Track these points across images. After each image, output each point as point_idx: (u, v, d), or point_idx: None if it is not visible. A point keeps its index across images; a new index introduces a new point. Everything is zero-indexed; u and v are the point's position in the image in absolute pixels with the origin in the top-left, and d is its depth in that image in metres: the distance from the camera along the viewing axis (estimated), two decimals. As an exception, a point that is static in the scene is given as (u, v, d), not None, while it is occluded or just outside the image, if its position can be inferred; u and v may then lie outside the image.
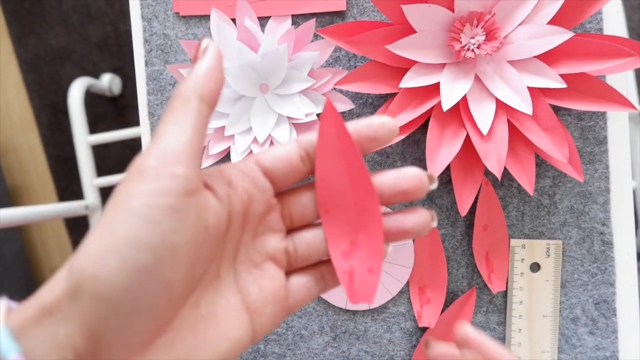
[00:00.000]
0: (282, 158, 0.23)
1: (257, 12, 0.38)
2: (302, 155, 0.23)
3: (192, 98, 0.21)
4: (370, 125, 0.22)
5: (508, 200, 0.38)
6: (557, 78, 0.33)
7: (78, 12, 1.16)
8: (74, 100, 0.96)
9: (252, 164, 0.23)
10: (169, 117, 0.20)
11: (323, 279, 0.24)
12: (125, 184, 0.19)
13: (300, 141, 0.23)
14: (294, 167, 0.23)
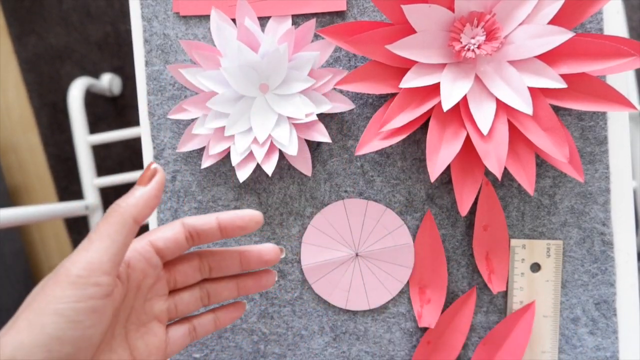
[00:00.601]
0: (172, 240, 0.28)
1: (257, 12, 0.38)
2: (186, 236, 0.29)
3: (128, 219, 0.25)
4: (241, 217, 0.29)
5: (508, 200, 0.38)
6: (557, 78, 0.33)
7: (78, 11, 1.16)
8: (74, 100, 0.96)
9: (147, 245, 0.28)
10: (103, 229, 0.24)
11: (195, 330, 0.31)
12: (52, 287, 0.23)
13: (185, 224, 0.29)
14: (180, 245, 0.29)
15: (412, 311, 0.40)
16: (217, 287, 0.31)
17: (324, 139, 0.37)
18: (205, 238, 0.29)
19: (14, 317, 0.24)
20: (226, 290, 0.31)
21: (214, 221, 0.29)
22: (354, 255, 0.40)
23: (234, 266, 0.31)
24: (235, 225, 0.29)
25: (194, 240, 0.29)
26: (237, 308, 0.33)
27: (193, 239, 0.29)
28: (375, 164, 0.39)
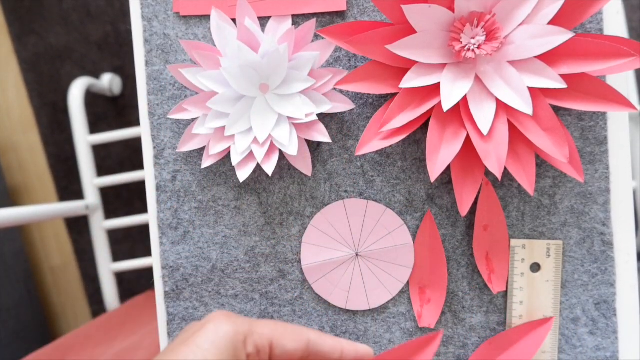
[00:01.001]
0: (288, 355, 0.26)
1: (258, 12, 0.38)
2: (302, 357, 0.26)
3: None
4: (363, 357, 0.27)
5: (508, 201, 0.38)
6: (557, 78, 0.33)
7: (78, 11, 1.16)
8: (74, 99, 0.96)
9: (267, 346, 0.25)
10: None
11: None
12: None
13: (311, 345, 0.26)
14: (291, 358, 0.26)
15: (412, 311, 0.40)
16: None
17: (324, 139, 0.37)
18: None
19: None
20: None
21: (337, 353, 0.27)
22: (354, 255, 0.40)
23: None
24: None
25: (307, 357, 0.26)
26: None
27: (309, 356, 0.26)
28: (376, 164, 0.39)
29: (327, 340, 0.27)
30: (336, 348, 0.27)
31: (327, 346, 0.26)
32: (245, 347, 0.24)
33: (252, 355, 0.24)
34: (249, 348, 0.24)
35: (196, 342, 0.23)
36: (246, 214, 0.40)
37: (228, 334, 0.24)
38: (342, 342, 0.27)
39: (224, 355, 0.23)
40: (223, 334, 0.23)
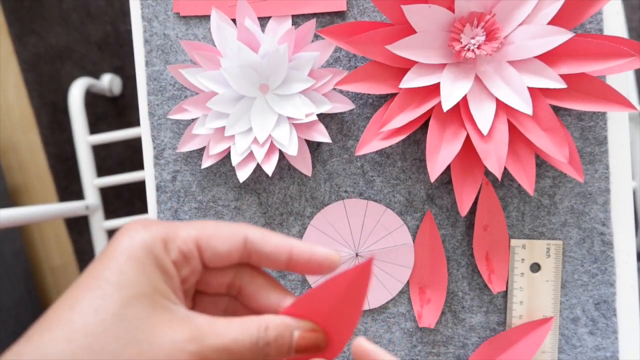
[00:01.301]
0: (225, 256, 0.22)
1: (258, 12, 0.38)
2: (242, 255, 0.22)
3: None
4: (319, 260, 0.23)
5: (508, 201, 0.39)
6: (557, 78, 0.33)
7: (78, 11, 1.16)
8: (74, 100, 0.96)
9: (193, 249, 0.22)
10: None
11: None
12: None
13: (249, 243, 0.22)
14: (230, 263, 0.23)
15: (412, 311, 0.40)
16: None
17: (324, 139, 0.37)
18: (265, 264, 0.23)
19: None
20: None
21: (284, 254, 0.23)
22: (354, 255, 0.40)
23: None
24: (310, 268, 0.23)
25: (248, 258, 0.23)
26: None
27: (249, 258, 0.23)
28: (375, 164, 0.39)
29: (271, 239, 0.22)
30: (282, 248, 0.22)
31: (271, 246, 0.22)
32: (168, 254, 0.21)
33: (179, 262, 0.21)
34: (173, 254, 0.21)
35: (109, 262, 0.20)
36: (246, 214, 0.40)
37: (144, 243, 0.20)
38: (292, 242, 0.22)
39: (143, 269, 0.20)
40: (138, 245, 0.20)
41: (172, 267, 0.21)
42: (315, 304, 0.23)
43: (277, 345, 0.21)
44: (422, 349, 0.40)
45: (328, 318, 0.22)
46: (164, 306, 0.20)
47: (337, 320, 0.22)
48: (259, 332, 0.21)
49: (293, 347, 0.22)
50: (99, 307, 0.19)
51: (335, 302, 0.22)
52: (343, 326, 0.22)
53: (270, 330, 0.21)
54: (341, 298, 0.22)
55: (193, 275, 0.22)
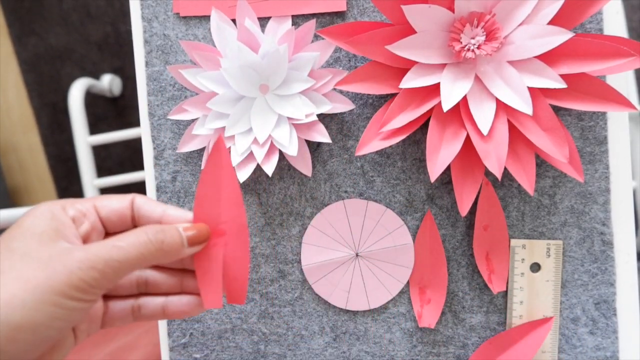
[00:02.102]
0: (117, 212, 0.27)
1: (258, 12, 0.38)
2: (132, 216, 0.28)
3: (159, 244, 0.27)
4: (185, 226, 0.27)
5: (508, 201, 0.39)
6: (557, 78, 0.33)
7: (78, 11, 1.16)
8: (74, 100, 0.96)
9: (91, 209, 0.27)
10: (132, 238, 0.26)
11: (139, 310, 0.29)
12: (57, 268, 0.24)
13: (135, 204, 0.28)
14: (125, 222, 0.28)
15: (412, 311, 0.40)
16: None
17: (324, 139, 0.37)
18: (146, 222, 0.28)
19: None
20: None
21: (158, 212, 0.28)
22: (354, 256, 0.40)
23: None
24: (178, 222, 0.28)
25: (135, 221, 0.28)
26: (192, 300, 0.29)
27: (135, 221, 0.28)
28: (375, 164, 0.39)
29: (150, 201, 0.28)
30: (156, 207, 0.28)
31: (149, 204, 0.28)
32: (66, 212, 0.26)
33: (76, 217, 0.26)
34: (70, 212, 0.26)
35: (18, 222, 0.25)
36: (246, 214, 0.40)
37: (44, 206, 0.25)
38: (166, 205, 0.28)
39: (42, 223, 0.24)
40: (39, 209, 0.25)
41: (69, 220, 0.25)
42: (205, 211, 0.28)
43: (168, 236, 0.26)
44: (423, 349, 0.40)
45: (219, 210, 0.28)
46: (63, 240, 0.24)
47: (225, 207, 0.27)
48: (147, 228, 0.26)
49: (183, 237, 0.26)
50: (9, 247, 0.24)
51: (215, 194, 0.27)
52: (231, 208, 0.27)
53: (159, 226, 0.26)
54: (217, 187, 0.27)
55: (95, 232, 0.27)
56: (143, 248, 0.25)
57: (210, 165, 0.28)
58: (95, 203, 0.27)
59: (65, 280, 0.23)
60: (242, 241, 0.28)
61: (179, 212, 0.28)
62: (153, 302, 0.29)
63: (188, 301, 0.29)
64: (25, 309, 0.22)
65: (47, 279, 0.22)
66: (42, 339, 0.23)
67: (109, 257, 0.24)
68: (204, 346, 0.41)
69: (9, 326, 0.22)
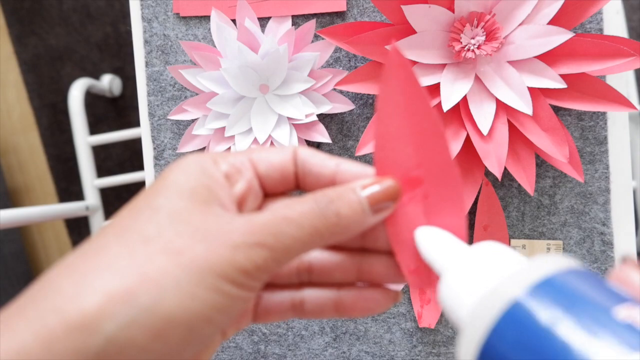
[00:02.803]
0: (278, 168, 0.21)
1: (258, 12, 0.38)
2: (296, 172, 0.21)
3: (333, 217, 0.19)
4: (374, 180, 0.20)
5: (508, 201, 0.38)
6: (557, 78, 0.33)
7: (78, 12, 1.16)
8: (74, 100, 0.96)
9: (247, 162, 0.21)
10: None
11: (302, 305, 0.22)
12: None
13: (298, 155, 0.21)
14: (286, 179, 0.21)
15: (412, 311, 0.40)
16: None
17: (324, 139, 0.37)
18: (311, 182, 0.21)
19: None
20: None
21: (332, 164, 0.21)
22: (354, 256, 0.40)
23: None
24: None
25: (304, 181, 0.22)
26: (377, 294, 0.21)
27: (304, 180, 0.21)
28: (376, 164, 0.39)
29: (317, 153, 0.21)
30: (329, 160, 0.21)
31: (316, 158, 0.21)
32: (218, 167, 0.20)
33: (230, 173, 0.20)
34: (223, 167, 0.20)
35: (163, 176, 0.19)
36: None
37: (191, 158, 0.20)
38: (339, 158, 0.21)
39: (192, 178, 0.19)
40: (185, 161, 0.20)
41: (222, 178, 0.20)
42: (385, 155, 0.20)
43: (345, 204, 0.19)
44: (423, 349, 0.40)
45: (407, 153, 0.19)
46: (217, 204, 0.19)
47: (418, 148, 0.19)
48: (317, 196, 0.19)
49: (363, 202, 0.19)
50: (153, 204, 0.18)
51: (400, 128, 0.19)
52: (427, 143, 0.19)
53: (329, 191, 0.19)
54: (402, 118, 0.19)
55: (251, 193, 0.21)
56: (317, 221, 0.19)
57: (388, 88, 0.20)
58: (251, 156, 0.21)
59: (228, 259, 0.17)
60: (451, 188, 0.19)
61: (358, 167, 0.21)
62: (322, 296, 0.22)
63: (372, 294, 0.21)
64: (180, 293, 0.16)
65: (207, 254, 0.17)
66: (198, 337, 0.17)
67: (278, 230, 0.18)
68: (204, 346, 0.41)
69: (158, 316, 0.16)
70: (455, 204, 0.19)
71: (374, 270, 0.21)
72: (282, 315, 0.22)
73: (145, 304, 0.16)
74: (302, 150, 0.21)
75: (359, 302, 0.21)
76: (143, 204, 0.18)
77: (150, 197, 0.18)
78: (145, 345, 0.16)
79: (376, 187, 0.19)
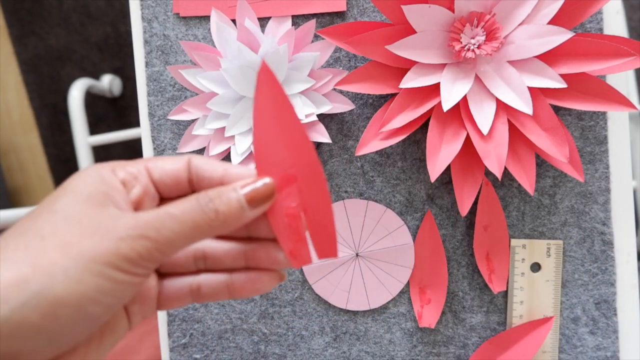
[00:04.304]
0: (171, 174, 0.24)
1: (258, 12, 0.38)
2: (189, 178, 0.24)
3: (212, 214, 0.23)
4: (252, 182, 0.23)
5: (508, 200, 0.38)
6: (557, 78, 0.33)
7: (78, 12, 1.16)
8: (74, 101, 0.96)
9: (143, 170, 0.23)
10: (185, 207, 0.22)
11: (199, 289, 0.25)
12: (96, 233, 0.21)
13: (192, 164, 0.24)
14: (180, 185, 0.24)
15: (412, 311, 0.40)
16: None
17: (324, 139, 0.37)
18: (204, 186, 0.24)
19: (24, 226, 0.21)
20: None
21: (219, 171, 0.24)
22: (354, 256, 0.40)
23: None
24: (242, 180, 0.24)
25: (197, 186, 0.24)
26: (263, 276, 0.25)
27: (197, 185, 0.24)
28: (375, 164, 0.39)
29: (210, 161, 0.24)
30: (217, 167, 0.24)
31: (207, 165, 0.24)
32: (116, 174, 0.22)
33: (127, 180, 0.23)
34: (120, 174, 0.23)
35: (64, 185, 0.22)
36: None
37: (92, 169, 0.22)
38: (227, 164, 0.24)
39: (89, 185, 0.21)
40: (86, 171, 0.22)
41: (119, 184, 0.22)
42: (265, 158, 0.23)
43: (223, 202, 0.22)
44: (423, 349, 0.40)
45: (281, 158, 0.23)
46: (112, 205, 0.21)
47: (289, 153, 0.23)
48: (199, 196, 0.22)
49: (241, 200, 0.22)
50: (51, 209, 0.21)
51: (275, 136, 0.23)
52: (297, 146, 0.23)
53: (211, 191, 0.22)
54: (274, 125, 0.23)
55: (147, 197, 0.23)
56: (198, 217, 0.21)
57: (260, 100, 0.23)
58: (147, 165, 0.24)
59: (113, 249, 0.20)
60: (318, 182, 0.23)
61: (242, 170, 0.24)
62: (215, 280, 0.25)
63: (258, 277, 0.25)
64: (67, 279, 0.19)
65: (93, 246, 0.20)
66: (88, 316, 0.20)
67: (161, 225, 0.21)
68: (204, 346, 0.41)
69: (47, 299, 0.19)
70: (322, 195, 0.23)
71: (258, 256, 0.25)
72: (182, 301, 0.25)
73: (36, 289, 0.19)
74: (196, 158, 0.24)
75: (247, 284, 0.25)
76: (42, 209, 0.21)
77: (50, 203, 0.21)
78: (39, 324, 0.19)
79: (253, 185, 0.23)
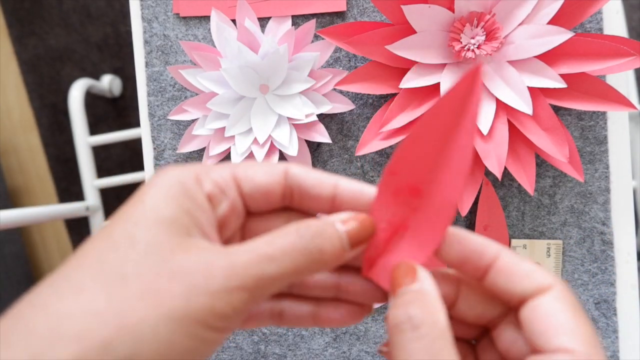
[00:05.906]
0: (263, 190, 0.20)
1: (258, 12, 0.38)
2: (284, 193, 0.20)
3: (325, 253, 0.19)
4: (368, 197, 0.20)
5: (508, 200, 0.39)
6: (557, 78, 0.33)
7: (78, 12, 1.16)
8: (74, 101, 0.96)
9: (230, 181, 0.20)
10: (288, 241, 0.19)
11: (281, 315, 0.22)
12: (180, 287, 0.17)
13: (290, 176, 0.20)
14: (270, 201, 0.20)
15: (412, 311, 0.40)
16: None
17: (324, 139, 0.37)
18: (307, 203, 0.20)
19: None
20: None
21: (328, 187, 0.20)
22: (354, 256, 0.40)
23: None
24: (356, 205, 0.20)
25: (291, 199, 0.20)
26: (355, 311, 0.22)
27: (292, 199, 0.20)
28: (376, 164, 0.39)
29: (313, 172, 0.20)
30: (325, 180, 0.20)
31: (313, 178, 0.20)
32: (201, 186, 0.19)
33: (214, 194, 0.19)
34: (207, 186, 0.19)
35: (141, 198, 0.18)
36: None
37: (173, 175, 0.19)
38: (336, 177, 0.20)
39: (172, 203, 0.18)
40: (167, 178, 0.19)
41: (205, 200, 0.19)
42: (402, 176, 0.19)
43: (326, 240, 0.18)
44: (423, 349, 0.40)
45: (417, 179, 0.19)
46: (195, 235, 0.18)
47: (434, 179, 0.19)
48: (299, 228, 0.19)
49: (343, 238, 0.19)
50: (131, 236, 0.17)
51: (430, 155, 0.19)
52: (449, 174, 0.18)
53: (313, 224, 0.19)
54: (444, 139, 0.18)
55: (234, 214, 0.20)
56: (300, 258, 0.18)
57: (447, 104, 0.18)
58: (236, 174, 0.20)
59: (208, 306, 0.16)
60: (441, 220, 0.19)
61: (356, 185, 0.20)
62: (299, 309, 0.22)
63: (351, 311, 0.22)
64: (157, 343, 0.16)
65: (186, 301, 0.16)
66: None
67: (260, 272, 0.17)
68: (205, 346, 0.41)
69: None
70: (435, 236, 0.19)
71: (353, 290, 0.21)
72: (259, 323, 0.22)
73: (122, 354, 0.15)
74: (295, 169, 0.20)
75: (337, 317, 0.22)
76: (120, 233, 0.17)
77: (128, 225, 0.17)
78: None
79: (354, 223, 0.19)
